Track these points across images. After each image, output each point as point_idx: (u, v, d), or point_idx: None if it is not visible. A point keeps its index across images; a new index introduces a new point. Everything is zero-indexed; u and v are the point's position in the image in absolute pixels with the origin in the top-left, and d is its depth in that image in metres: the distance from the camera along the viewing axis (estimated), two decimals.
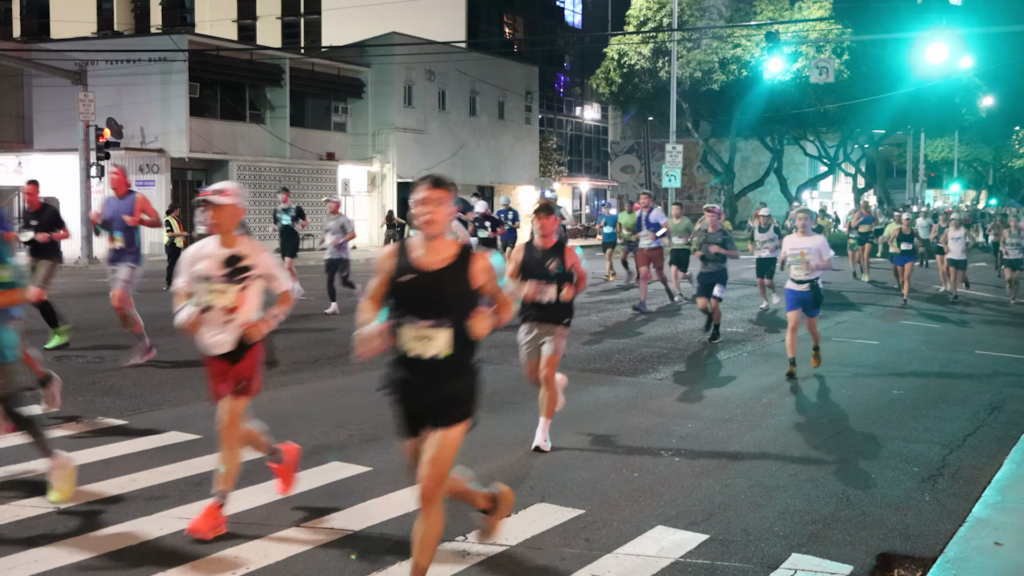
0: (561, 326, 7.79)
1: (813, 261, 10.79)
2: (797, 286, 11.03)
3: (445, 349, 4.61)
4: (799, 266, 10.86)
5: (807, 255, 10.80)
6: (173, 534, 5.69)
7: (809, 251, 10.82)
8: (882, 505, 6.54)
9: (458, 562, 5.37)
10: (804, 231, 11.07)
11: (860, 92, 40.18)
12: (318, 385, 10.27)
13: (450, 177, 4.74)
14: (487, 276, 4.69)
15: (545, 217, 7.56)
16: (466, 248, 4.73)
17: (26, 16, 59.52)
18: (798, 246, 10.93)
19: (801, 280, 10.95)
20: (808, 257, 10.79)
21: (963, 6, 48.46)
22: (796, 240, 11.08)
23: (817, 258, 10.80)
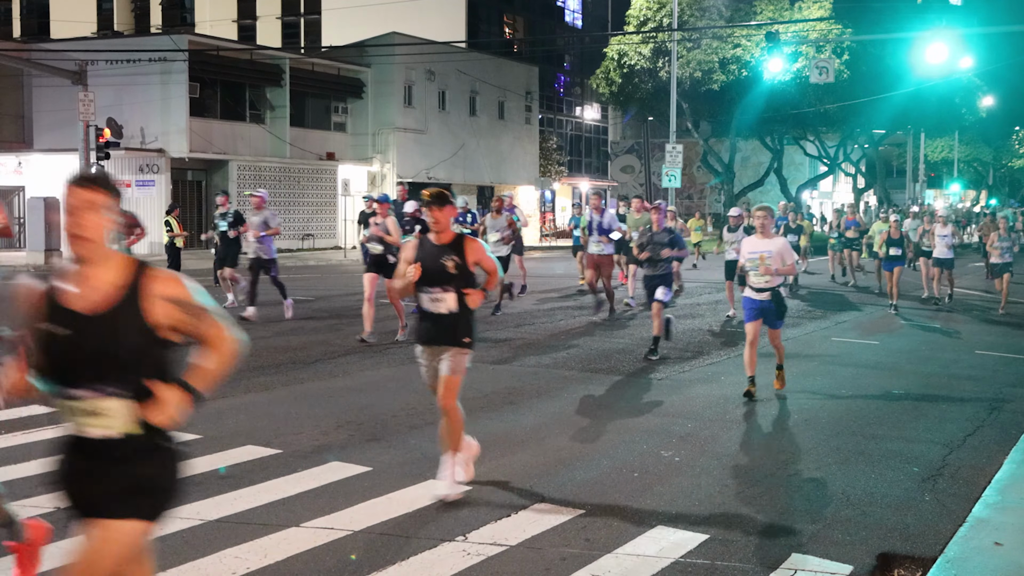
0: (456, 347, 6.59)
1: (774, 266, 9.70)
2: (756, 294, 9.91)
3: (123, 425, 3.32)
4: (758, 271, 9.76)
5: (767, 259, 9.69)
6: (173, 534, 5.68)
7: (769, 255, 9.70)
8: (882, 505, 6.54)
9: (458, 562, 5.37)
10: (764, 232, 9.92)
11: (860, 92, 40.18)
12: (318, 385, 10.27)
13: (102, 173, 3.43)
14: (171, 309, 3.31)
15: (438, 209, 6.40)
16: (141, 266, 3.36)
17: (26, 16, 59.51)
18: (757, 249, 9.81)
19: (761, 288, 9.85)
20: (769, 261, 9.68)
21: (963, 6, 48.47)
22: (755, 242, 9.95)
23: (779, 263, 9.71)
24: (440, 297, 6.50)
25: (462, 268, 6.46)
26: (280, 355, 11.96)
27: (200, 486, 6.60)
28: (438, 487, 6.47)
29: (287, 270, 27.06)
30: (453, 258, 6.45)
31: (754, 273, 9.83)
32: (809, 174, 58.80)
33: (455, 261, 6.44)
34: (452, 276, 6.44)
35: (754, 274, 9.84)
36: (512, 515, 6.14)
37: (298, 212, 36.34)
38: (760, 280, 9.80)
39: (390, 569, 5.26)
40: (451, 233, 6.52)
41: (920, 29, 29.95)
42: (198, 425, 8.30)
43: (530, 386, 10.35)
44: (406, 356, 12.17)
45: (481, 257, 6.56)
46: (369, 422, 8.55)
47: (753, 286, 9.91)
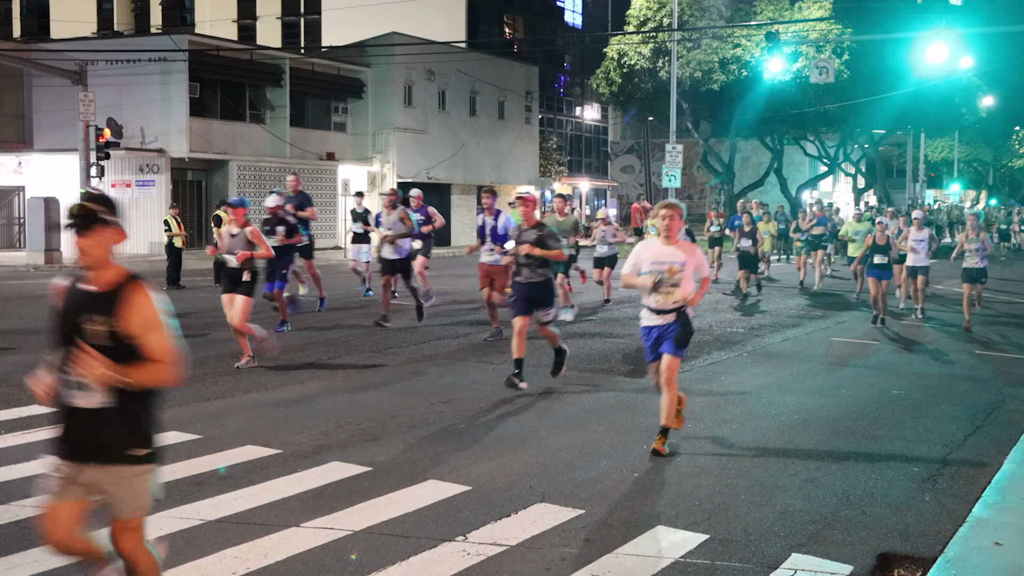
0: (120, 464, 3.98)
1: (685, 280, 7.55)
2: (656, 318, 7.65)
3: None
4: (667, 286, 7.57)
5: (677, 272, 7.52)
6: (173, 534, 5.69)
7: (681, 267, 7.53)
8: (882, 505, 6.54)
9: (458, 562, 5.37)
10: (670, 236, 7.64)
11: (860, 92, 40.19)
12: (318, 385, 10.27)
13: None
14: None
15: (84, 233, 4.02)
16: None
17: (26, 16, 59.52)
18: (663, 259, 7.55)
19: (663, 309, 7.62)
20: (678, 276, 7.51)
21: (963, 6, 48.45)
22: (659, 249, 7.65)
23: (690, 276, 7.59)
24: (82, 381, 3.86)
25: (116, 337, 3.88)
26: (280, 355, 11.96)
27: (200, 486, 6.60)
28: None
29: None
30: (101, 319, 3.89)
31: (659, 292, 7.59)
32: (809, 174, 58.78)
33: (104, 326, 3.88)
34: (102, 348, 3.84)
35: (659, 292, 7.59)
36: (512, 515, 6.14)
37: None
38: (663, 299, 7.57)
39: (390, 569, 5.26)
40: (114, 272, 4.03)
41: (920, 29, 29.94)
42: (198, 425, 8.31)
43: (530, 386, 10.34)
44: (406, 356, 12.18)
45: (148, 323, 3.92)
46: (369, 422, 8.55)
47: (652, 307, 7.63)
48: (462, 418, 8.78)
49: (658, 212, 7.75)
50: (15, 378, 10.14)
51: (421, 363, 11.70)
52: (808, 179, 55.80)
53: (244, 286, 11.03)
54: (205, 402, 9.31)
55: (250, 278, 11.07)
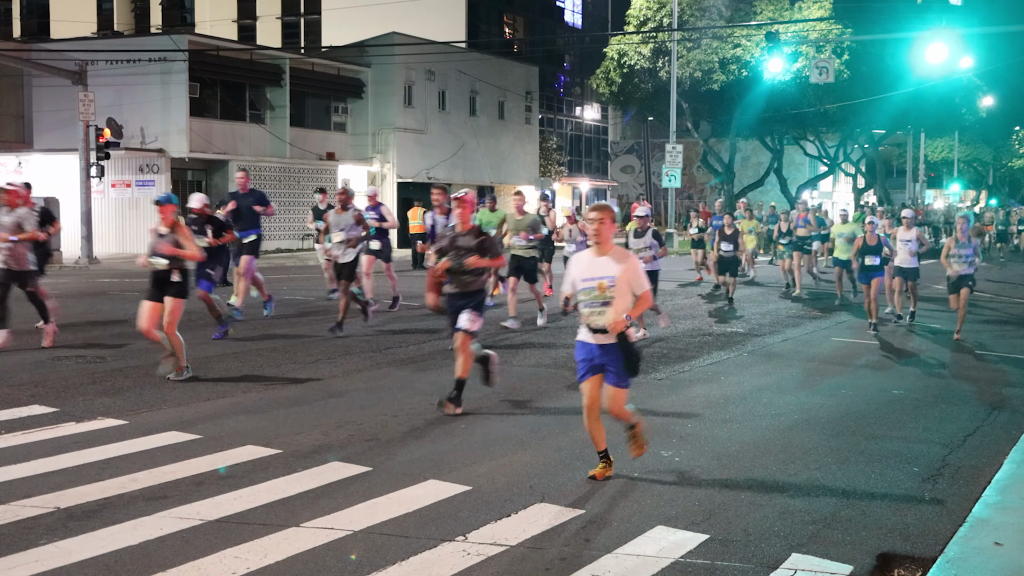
0: None
1: (619, 297, 6.58)
2: (593, 337, 6.74)
3: None
4: (596, 306, 6.66)
5: (608, 288, 6.58)
6: (173, 534, 5.69)
7: (611, 282, 6.58)
8: (882, 505, 6.54)
9: (458, 562, 5.37)
10: (603, 244, 6.69)
11: (860, 92, 40.20)
12: (318, 385, 10.27)
13: None
14: None
15: None
16: None
17: (26, 16, 59.54)
18: (592, 274, 6.66)
19: (603, 329, 6.66)
20: (610, 292, 6.58)
21: (963, 6, 48.45)
22: (589, 261, 6.75)
23: (627, 292, 6.61)
24: None
25: None
26: (280, 355, 11.97)
27: (200, 486, 6.60)
28: None
29: (286, 270, 27.07)
30: None
31: (589, 307, 6.70)
32: (809, 174, 58.79)
33: None
34: None
35: (589, 308, 6.70)
36: (512, 515, 6.14)
37: (298, 212, 36.28)
38: (598, 318, 6.66)
39: (390, 569, 5.26)
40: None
41: (920, 29, 29.95)
42: (198, 425, 8.31)
43: (530, 386, 10.35)
44: (406, 357, 12.18)
45: None
46: (369, 422, 8.55)
47: (590, 325, 6.75)
48: (462, 418, 8.78)
49: (587, 216, 6.82)
50: (15, 378, 10.14)
51: (421, 363, 11.70)
52: (808, 179, 55.80)
53: (174, 287, 10.17)
54: (205, 402, 9.31)
55: (180, 278, 10.25)
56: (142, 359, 11.49)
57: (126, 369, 10.87)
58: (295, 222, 36.31)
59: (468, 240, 8.97)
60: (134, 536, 5.63)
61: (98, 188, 31.44)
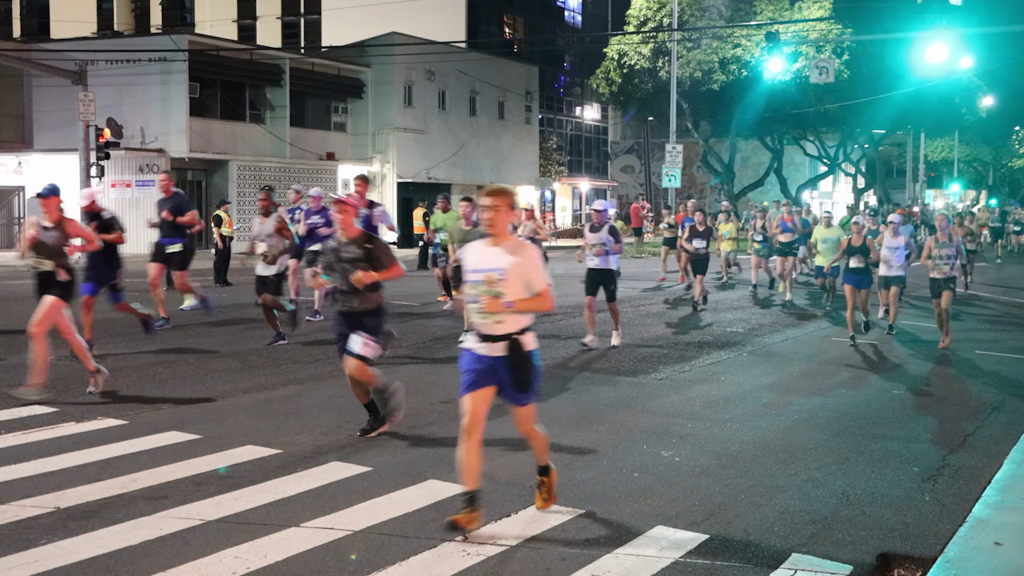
0: None
1: (511, 294, 5.67)
2: (484, 346, 5.78)
3: None
4: (483, 305, 5.69)
5: (497, 282, 5.67)
6: (173, 534, 5.69)
7: (502, 274, 5.68)
8: (882, 505, 6.54)
9: (458, 562, 5.37)
10: (498, 233, 5.82)
11: (860, 92, 40.21)
12: (318, 385, 10.26)
13: None
14: None
15: None
16: None
17: (26, 16, 59.51)
18: (483, 265, 5.76)
19: (492, 335, 5.74)
20: (498, 287, 5.66)
21: (963, 6, 48.47)
22: (480, 252, 5.87)
23: (520, 289, 5.69)
24: None
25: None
26: (280, 355, 11.96)
27: (200, 486, 6.60)
28: None
29: None
30: None
31: (477, 307, 5.74)
32: (809, 174, 58.83)
33: None
34: None
35: (478, 310, 5.74)
36: (512, 515, 6.14)
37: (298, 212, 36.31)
38: (489, 319, 5.72)
39: (390, 569, 5.26)
40: None
41: (920, 29, 29.95)
42: (198, 425, 8.31)
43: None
44: (406, 357, 12.18)
45: None
46: None
47: (480, 330, 5.80)
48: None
49: (479, 202, 5.89)
50: (15, 378, 10.14)
51: (421, 364, 11.70)
52: (808, 179, 55.85)
53: (58, 287, 9.42)
54: (205, 402, 9.31)
55: (66, 278, 9.63)
56: (142, 359, 11.49)
57: (126, 369, 10.87)
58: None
59: (353, 250, 7.73)
60: (134, 536, 5.63)
61: (98, 188, 31.42)
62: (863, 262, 14.03)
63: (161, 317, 13.80)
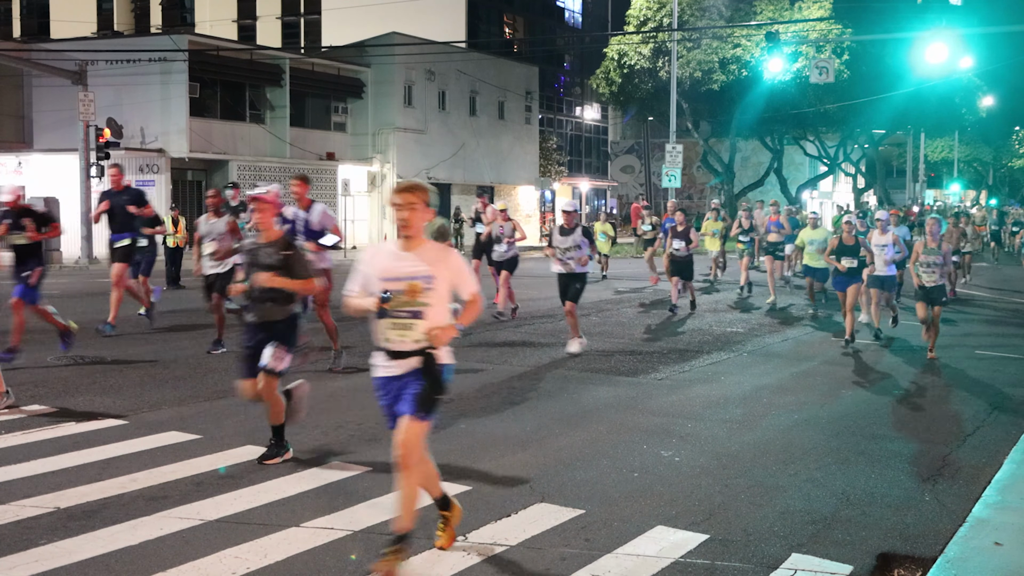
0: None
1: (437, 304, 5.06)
2: (392, 364, 5.15)
3: None
4: (403, 316, 5.03)
5: (422, 292, 5.02)
6: (173, 534, 5.69)
7: (427, 283, 5.03)
8: (882, 505, 6.54)
9: (458, 562, 5.37)
10: (410, 236, 5.10)
11: (860, 92, 40.20)
12: (318, 385, 10.26)
13: None
14: None
15: None
16: None
17: (26, 16, 59.51)
18: (398, 272, 5.04)
19: (402, 352, 5.10)
20: (423, 298, 5.03)
21: (963, 6, 48.49)
22: (394, 256, 5.13)
23: (446, 298, 5.14)
24: None
25: None
26: None
27: (200, 486, 6.60)
28: None
29: None
30: None
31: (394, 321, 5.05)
32: (809, 174, 58.83)
33: None
34: None
35: (394, 322, 5.05)
36: (512, 515, 6.14)
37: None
38: (407, 336, 5.05)
39: None
40: None
41: (920, 29, 29.96)
42: (198, 425, 8.31)
43: (530, 386, 10.35)
44: None
45: None
46: (369, 422, 8.55)
47: (390, 347, 5.12)
48: (462, 418, 8.78)
49: (391, 200, 5.14)
50: (15, 378, 10.13)
51: None
52: (808, 179, 55.85)
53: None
54: (205, 402, 9.31)
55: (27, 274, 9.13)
56: (141, 359, 11.49)
57: (126, 369, 10.87)
58: None
59: (271, 254, 6.98)
60: (134, 536, 5.63)
61: (98, 188, 31.42)
62: (855, 262, 13.57)
63: (108, 323, 13.19)
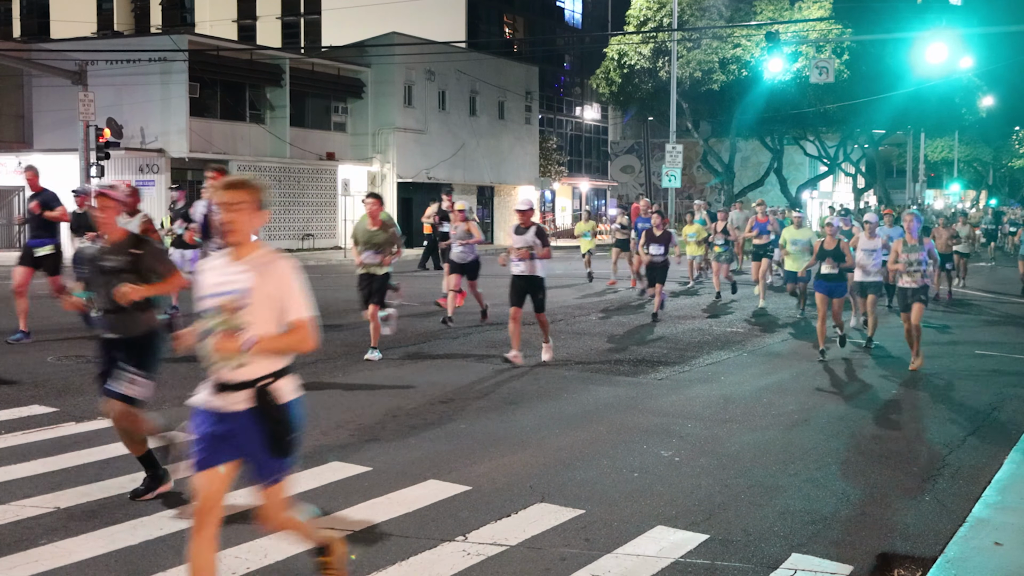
0: None
1: (259, 326, 4.17)
2: (220, 399, 4.26)
3: None
4: (217, 343, 4.20)
5: (236, 311, 4.19)
6: (173, 534, 5.69)
7: (241, 299, 4.21)
8: (882, 505, 6.54)
9: (458, 562, 5.37)
10: (240, 243, 4.32)
11: (860, 92, 40.17)
12: (318, 385, 10.26)
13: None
14: None
15: None
16: None
17: (26, 16, 59.52)
18: (220, 287, 4.27)
19: (232, 384, 4.22)
20: (240, 317, 4.18)
21: (963, 6, 48.46)
22: (221, 268, 4.35)
23: (270, 319, 4.21)
24: None
25: None
26: None
27: None
28: None
29: None
30: None
31: (212, 349, 4.20)
32: (809, 174, 58.78)
33: None
34: None
35: (212, 350, 4.20)
36: (512, 515, 6.14)
37: (298, 212, 36.34)
38: (228, 363, 4.19)
39: (390, 569, 5.26)
40: None
41: (920, 29, 29.94)
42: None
43: (530, 386, 10.35)
44: (406, 356, 12.17)
45: None
46: (369, 422, 8.55)
47: (220, 380, 4.25)
48: (462, 418, 8.79)
49: (217, 200, 4.34)
50: (15, 378, 10.13)
51: (421, 363, 11.70)
52: (808, 179, 55.83)
53: None
54: None
55: None
56: None
57: None
58: (295, 222, 36.35)
59: (116, 258, 6.08)
60: (134, 536, 5.63)
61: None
62: (836, 267, 12.67)
63: (20, 331, 12.44)
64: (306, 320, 4.29)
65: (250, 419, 4.22)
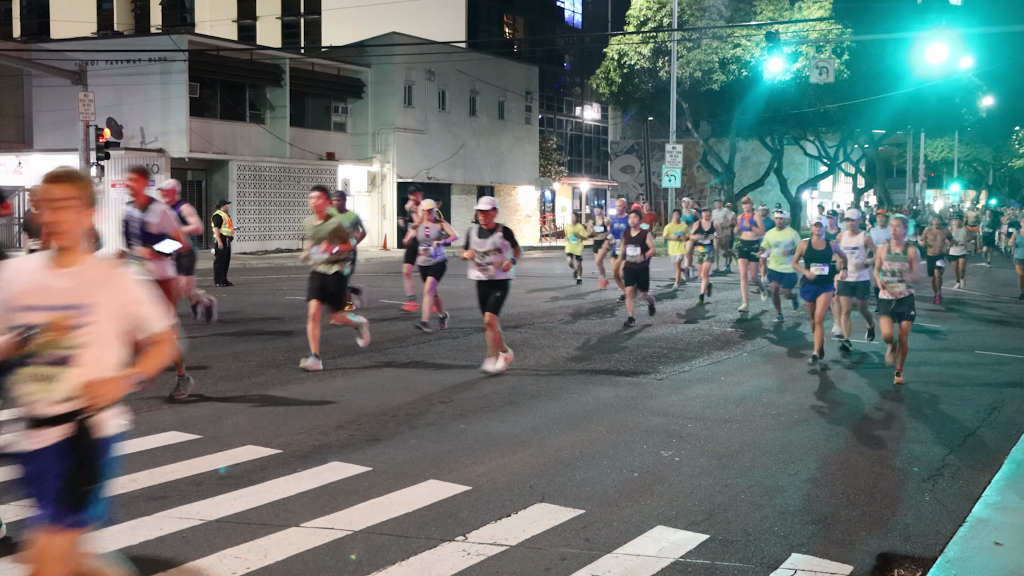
0: None
1: (101, 346, 3.74)
2: (36, 436, 3.86)
3: None
4: (43, 365, 3.70)
5: (70, 330, 3.63)
6: (173, 534, 5.69)
7: (80, 314, 3.65)
8: (882, 505, 6.54)
9: (458, 562, 5.37)
10: (69, 247, 3.74)
11: (860, 92, 40.17)
12: (318, 385, 10.26)
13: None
14: None
15: None
16: None
17: (26, 16, 59.54)
18: (48, 299, 3.64)
19: (48, 418, 3.78)
20: (74, 338, 3.64)
21: (963, 6, 48.45)
22: (38, 276, 3.72)
23: (112, 337, 3.79)
24: None
25: None
26: (279, 355, 11.96)
27: (200, 486, 6.60)
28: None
29: (287, 270, 27.06)
30: None
31: (34, 375, 3.73)
32: (809, 174, 58.81)
33: None
34: None
35: (35, 372, 3.72)
36: (512, 515, 6.14)
37: (298, 212, 36.30)
38: (52, 393, 3.72)
39: (390, 569, 5.26)
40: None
41: (920, 29, 29.95)
42: (198, 425, 8.31)
43: (530, 386, 10.35)
44: (406, 356, 12.18)
45: None
46: (369, 422, 8.55)
47: (34, 410, 3.80)
48: (462, 418, 8.79)
49: (42, 195, 3.76)
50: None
51: (421, 363, 11.70)
52: (808, 179, 55.84)
53: None
54: (205, 402, 9.31)
55: None
56: None
57: None
58: (295, 222, 36.32)
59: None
60: (134, 536, 5.63)
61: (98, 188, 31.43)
62: (825, 268, 12.25)
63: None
64: (167, 331, 3.87)
65: (59, 453, 3.66)
